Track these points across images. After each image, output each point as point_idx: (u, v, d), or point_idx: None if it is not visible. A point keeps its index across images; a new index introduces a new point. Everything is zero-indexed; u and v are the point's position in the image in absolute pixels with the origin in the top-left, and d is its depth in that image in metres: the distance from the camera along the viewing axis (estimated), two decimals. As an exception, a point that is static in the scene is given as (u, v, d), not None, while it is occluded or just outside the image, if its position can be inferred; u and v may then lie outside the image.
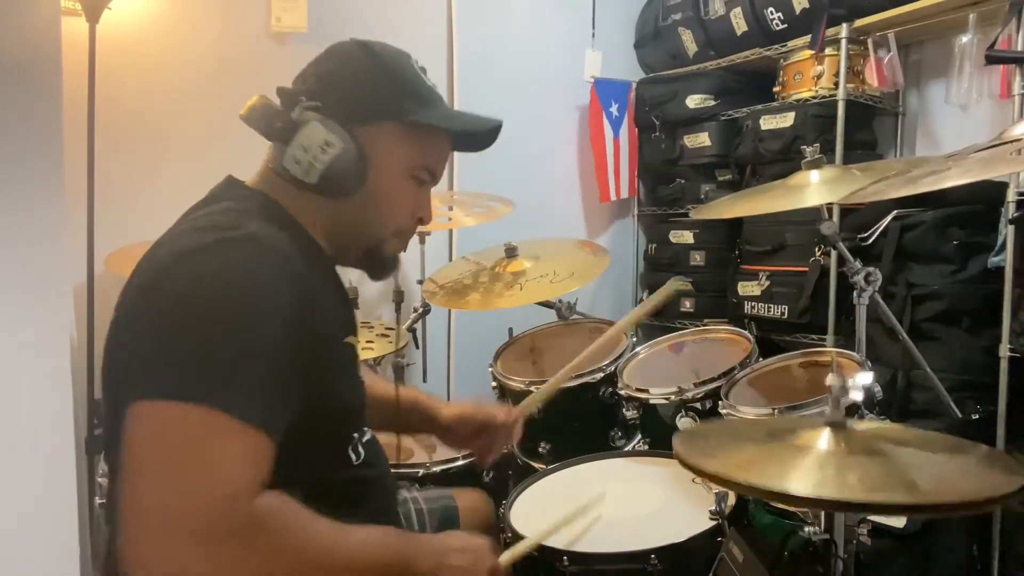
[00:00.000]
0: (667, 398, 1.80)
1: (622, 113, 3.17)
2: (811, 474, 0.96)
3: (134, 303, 0.91)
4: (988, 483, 0.95)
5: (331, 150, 0.99)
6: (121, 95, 2.13)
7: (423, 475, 1.67)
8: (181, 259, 0.88)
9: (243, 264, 0.88)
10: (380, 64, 1.06)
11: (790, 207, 1.65)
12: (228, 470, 0.80)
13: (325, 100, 1.01)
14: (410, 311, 2.42)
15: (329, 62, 1.06)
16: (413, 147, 1.08)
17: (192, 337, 0.83)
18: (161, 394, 0.80)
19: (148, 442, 0.80)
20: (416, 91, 1.07)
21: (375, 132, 1.04)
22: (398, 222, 1.11)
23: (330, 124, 0.99)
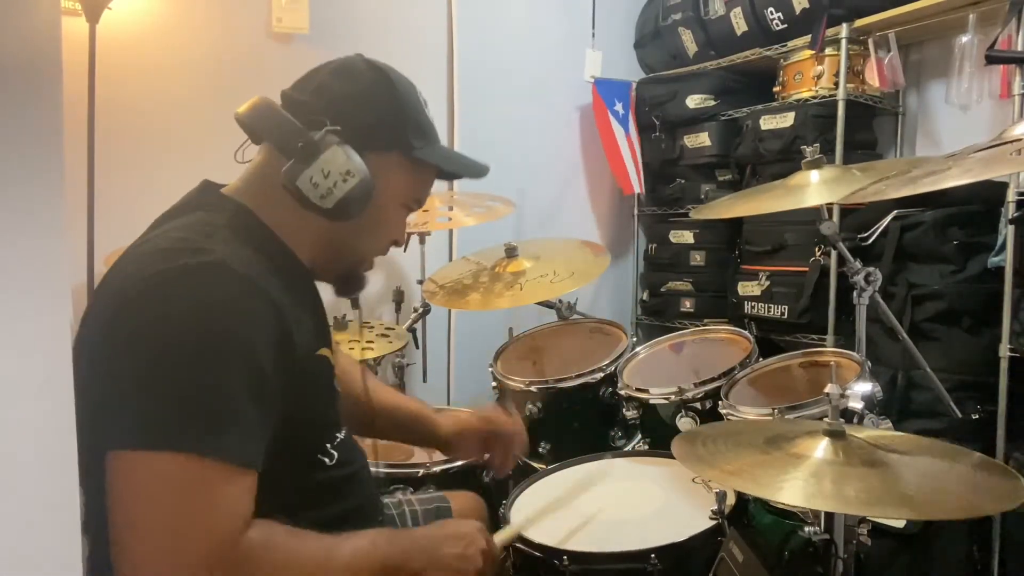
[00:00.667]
0: (667, 398, 1.80)
1: (627, 111, 3.17)
2: (807, 485, 0.96)
3: (100, 337, 0.89)
4: (986, 495, 0.95)
5: (352, 180, 0.99)
6: (121, 95, 2.13)
7: (423, 475, 1.66)
8: (146, 289, 0.87)
9: (215, 295, 0.87)
10: (396, 95, 1.07)
11: (790, 207, 1.65)
12: (216, 515, 0.81)
13: (343, 123, 1.00)
14: (410, 311, 2.42)
15: (345, 82, 1.05)
16: (411, 179, 1.11)
17: (168, 380, 0.82)
18: (139, 445, 0.80)
19: (133, 495, 0.80)
20: (421, 126, 1.09)
21: (382, 161, 1.05)
22: (382, 246, 1.15)
23: (349, 151, 0.99)
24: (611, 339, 2.15)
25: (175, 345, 0.83)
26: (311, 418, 1.01)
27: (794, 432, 1.16)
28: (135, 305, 0.87)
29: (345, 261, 1.12)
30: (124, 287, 0.89)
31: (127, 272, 0.92)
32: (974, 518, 1.99)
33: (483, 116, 2.84)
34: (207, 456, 0.81)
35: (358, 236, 1.09)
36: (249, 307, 0.89)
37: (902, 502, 0.93)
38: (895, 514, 0.88)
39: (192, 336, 0.84)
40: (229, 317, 0.86)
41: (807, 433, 1.13)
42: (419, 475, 1.66)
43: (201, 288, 0.87)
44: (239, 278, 0.89)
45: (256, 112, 1.02)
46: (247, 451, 0.85)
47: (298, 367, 0.95)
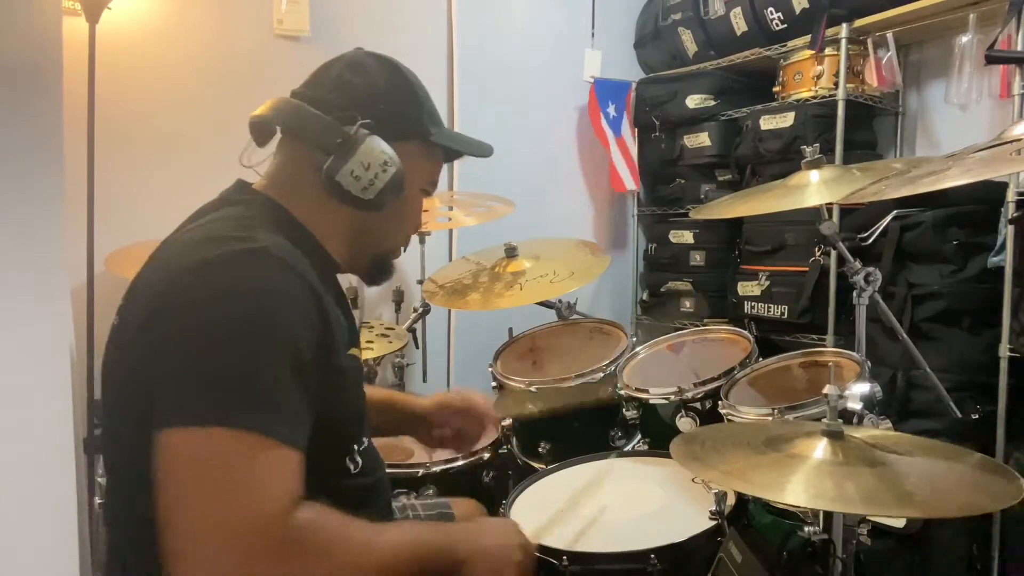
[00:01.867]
0: (667, 398, 1.79)
1: (620, 113, 3.17)
2: (807, 486, 0.96)
3: (148, 318, 0.89)
4: (985, 494, 0.95)
5: (391, 169, 1.02)
6: (121, 95, 2.13)
7: (423, 475, 1.66)
8: (197, 272, 0.87)
9: (261, 278, 0.88)
10: (407, 83, 1.10)
11: (790, 207, 1.65)
12: (267, 490, 0.81)
13: (371, 116, 1.02)
14: (410, 311, 2.42)
15: (361, 76, 1.07)
16: (429, 163, 1.15)
17: (218, 359, 0.83)
18: (194, 421, 0.81)
19: (186, 471, 0.80)
20: (432, 112, 1.13)
21: (405, 149, 1.06)
22: (409, 232, 1.18)
23: (382, 143, 1.02)
24: (611, 339, 2.15)
25: (222, 326, 0.84)
26: (342, 418, 1.02)
27: (793, 433, 1.16)
28: (180, 290, 0.87)
29: (376, 251, 1.15)
30: (167, 275, 0.90)
31: (169, 261, 0.93)
32: (974, 518, 1.99)
33: (483, 116, 2.84)
34: (258, 432, 0.81)
35: (387, 225, 1.12)
36: (293, 294, 0.90)
37: (902, 502, 0.93)
38: (895, 513, 0.88)
39: (238, 317, 0.84)
40: (274, 301, 0.87)
41: (806, 434, 1.13)
42: (419, 475, 1.66)
43: (247, 272, 0.88)
44: (284, 265, 0.90)
45: (282, 112, 1.04)
46: (294, 430, 0.85)
47: (334, 362, 0.96)
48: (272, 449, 0.82)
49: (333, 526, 0.87)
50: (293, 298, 0.89)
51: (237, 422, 0.81)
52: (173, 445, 0.81)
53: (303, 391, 0.88)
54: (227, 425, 0.80)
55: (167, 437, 0.81)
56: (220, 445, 0.80)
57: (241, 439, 0.81)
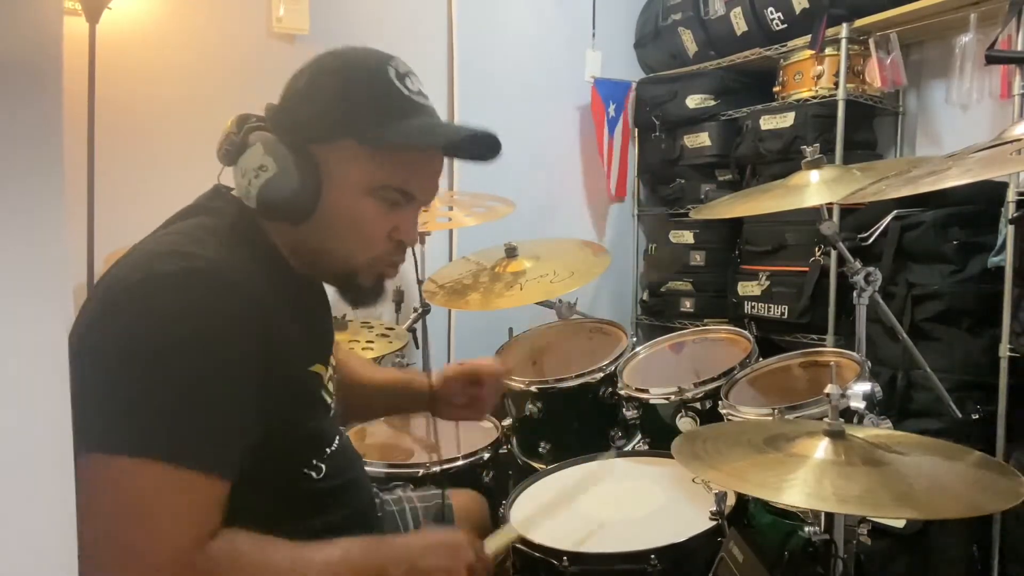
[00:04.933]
0: (667, 398, 1.79)
1: (618, 114, 3.18)
2: (808, 486, 0.96)
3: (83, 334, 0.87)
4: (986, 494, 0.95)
5: (264, 174, 0.94)
6: (121, 95, 2.13)
7: (423, 475, 1.66)
8: (132, 291, 0.85)
9: (197, 303, 0.85)
10: (344, 79, 0.98)
11: (790, 207, 1.65)
12: (181, 523, 0.80)
13: (282, 119, 0.97)
14: (410, 311, 2.42)
15: (302, 78, 1.01)
16: (373, 165, 0.98)
17: (139, 384, 0.81)
18: (112, 448, 0.79)
19: (99, 498, 0.78)
20: (382, 105, 0.97)
21: (330, 152, 0.97)
22: (368, 247, 1.01)
23: (273, 146, 0.95)
24: (611, 339, 2.15)
25: (149, 350, 0.82)
26: (294, 433, 0.98)
27: (794, 432, 1.16)
28: (114, 308, 0.86)
29: (326, 267, 1.03)
30: (110, 289, 0.89)
31: (115, 275, 0.91)
32: (974, 518, 1.99)
33: (483, 116, 2.84)
34: (174, 463, 0.79)
35: (324, 238, 0.99)
36: (232, 314, 0.87)
37: (903, 502, 0.93)
38: (896, 514, 0.88)
39: (169, 341, 0.82)
40: (209, 324, 0.85)
41: (807, 433, 1.13)
42: (419, 475, 1.66)
43: (183, 294, 0.85)
44: (224, 284, 0.87)
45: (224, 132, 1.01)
46: (217, 459, 0.83)
47: (282, 381, 0.93)
48: (188, 480, 0.80)
49: (249, 555, 0.84)
50: (231, 320, 0.86)
51: (152, 452, 0.79)
52: (89, 472, 0.79)
53: (238, 414, 0.86)
54: (142, 455, 0.79)
55: (86, 461, 0.79)
56: (133, 475, 0.79)
57: (155, 469, 0.79)
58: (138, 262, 0.90)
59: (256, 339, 0.88)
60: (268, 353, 0.89)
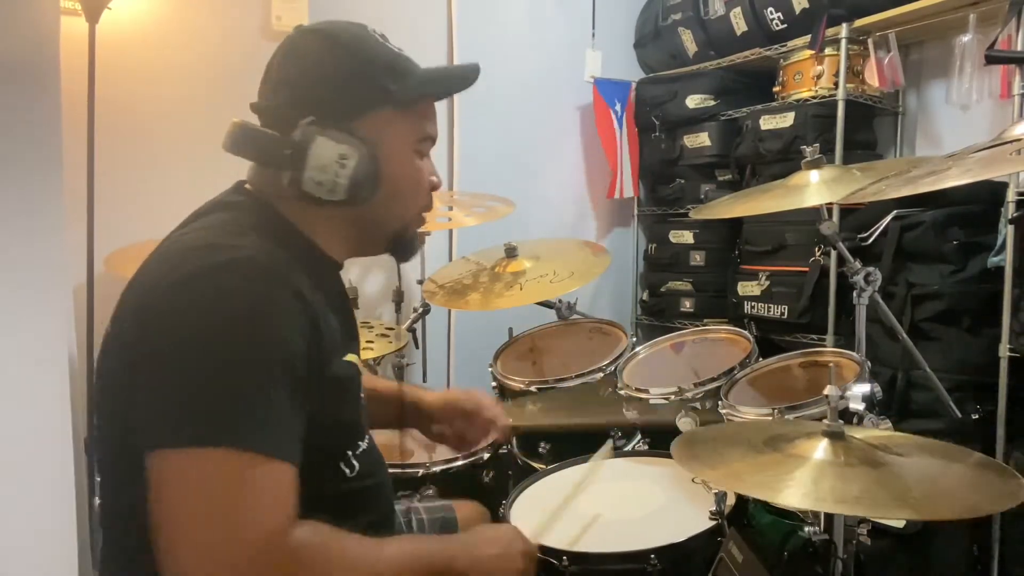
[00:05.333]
0: (667, 398, 1.79)
1: (623, 112, 3.18)
2: (808, 487, 0.96)
3: (134, 335, 0.87)
4: (986, 495, 0.95)
5: (350, 162, 0.96)
6: (121, 95, 2.13)
7: (423, 475, 1.66)
8: (181, 286, 0.85)
9: (247, 291, 0.85)
10: (347, 50, 1.01)
11: (790, 207, 1.65)
12: (263, 510, 0.80)
13: (314, 109, 0.97)
14: (410, 311, 2.42)
15: (294, 64, 1.01)
16: (408, 123, 1.04)
17: (203, 375, 0.81)
18: (184, 441, 0.79)
19: (178, 493, 0.79)
20: (391, 65, 1.02)
21: (371, 123, 1.00)
22: (417, 200, 1.09)
23: (334, 134, 0.96)
24: (611, 339, 2.15)
25: (204, 341, 0.82)
26: (335, 424, 0.99)
27: (793, 433, 1.16)
28: (166, 304, 0.85)
29: (386, 234, 1.08)
30: (155, 286, 0.88)
31: (157, 271, 0.91)
32: (974, 518, 1.99)
33: (483, 116, 2.85)
34: (249, 449, 0.80)
35: (390, 204, 1.04)
36: (281, 304, 0.87)
37: (903, 502, 0.93)
38: (896, 514, 0.87)
39: (223, 331, 0.83)
40: (262, 312, 0.85)
41: (806, 434, 1.13)
42: (419, 475, 1.66)
43: (233, 284, 0.85)
44: (271, 275, 0.88)
45: (234, 139, 0.99)
46: (286, 444, 0.84)
47: (326, 370, 0.93)
48: (265, 465, 0.81)
49: (332, 542, 0.85)
50: (280, 308, 0.87)
51: (226, 440, 0.79)
52: (163, 467, 0.79)
53: (293, 402, 0.86)
54: (216, 444, 0.79)
55: (156, 458, 0.80)
56: (211, 465, 0.79)
57: (232, 458, 0.79)
58: (177, 259, 0.90)
59: (303, 327, 0.89)
60: (315, 339, 0.90)
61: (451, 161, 2.82)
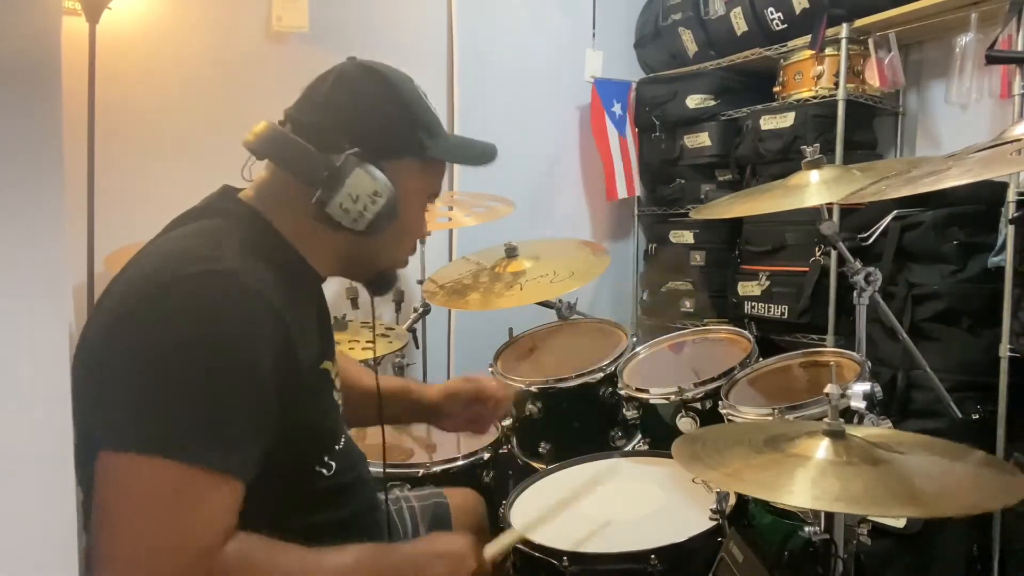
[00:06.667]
0: (667, 398, 1.79)
1: (625, 112, 3.18)
2: (808, 486, 0.96)
3: (104, 336, 0.88)
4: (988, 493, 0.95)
5: (380, 200, 0.99)
6: (121, 95, 2.13)
7: (423, 475, 1.66)
8: (153, 293, 0.86)
9: (219, 306, 0.86)
10: (398, 97, 1.05)
11: (790, 207, 1.65)
12: (201, 524, 0.80)
13: (358, 141, 1.00)
14: (410, 311, 2.42)
15: (348, 95, 1.03)
16: (427, 178, 1.11)
17: (164, 385, 0.81)
18: (130, 447, 0.80)
19: (118, 496, 0.79)
20: (428, 124, 1.07)
21: (399, 168, 1.04)
22: (412, 247, 1.15)
23: (371, 170, 0.99)
24: (611, 339, 2.15)
25: (171, 351, 0.82)
26: (308, 431, 1.00)
27: (794, 433, 1.16)
28: (138, 310, 0.86)
29: (379, 267, 1.13)
30: (129, 291, 0.89)
31: (134, 276, 0.92)
32: (974, 518, 1.99)
33: (483, 116, 2.84)
34: (193, 464, 0.80)
35: (386, 245, 1.09)
36: (252, 318, 0.88)
37: (904, 500, 0.93)
38: (899, 513, 0.87)
39: (190, 343, 0.83)
40: (230, 326, 0.86)
41: (807, 433, 1.13)
42: (419, 475, 1.66)
43: (204, 296, 0.86)
44: (244, 289, 0.88)
45: (269, 141, 1.01)
46: (234, 461, 0.84)
47: (298, 381, 0.94)
48: (207, 482, 0.81)
49: (263, 560, 0.85)
50: (252, 323, 0.87)
51: (173, 452, 0.79)
52: (108, 470, 0.80)
53: (256, 417, 0.86)
54: (162, 454, 0.79)
55: (104, 459, 0.80)
56: (153, 474, 0.79)
57: (171, 469, 0.79)
58: (158, 264, 0.90)
59: (275, 341, 0.89)
60: (286, 354, 0.91)
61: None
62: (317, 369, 1.02)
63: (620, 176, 3.18)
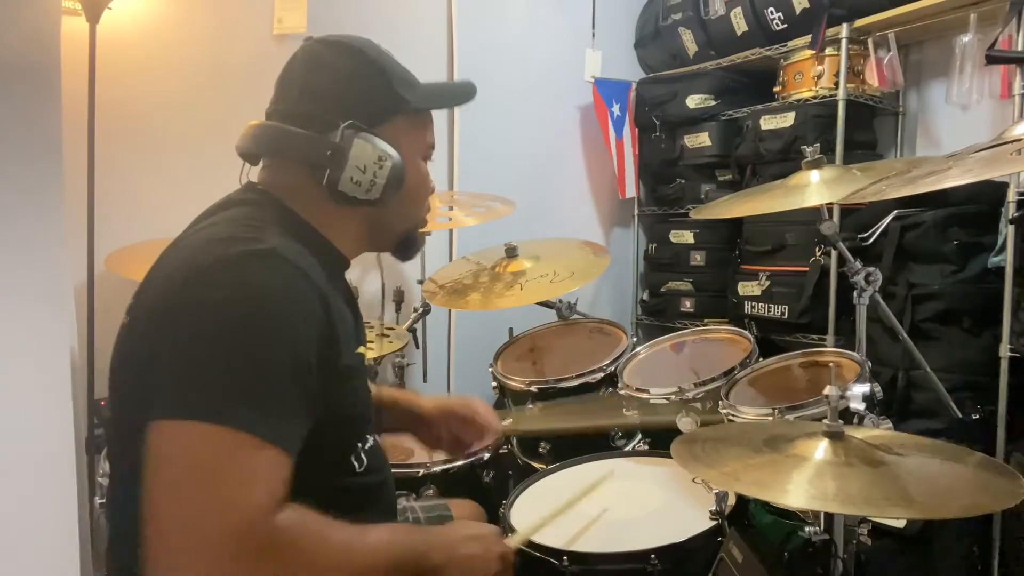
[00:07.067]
0: (667, 398, 1.79)
1: (623, 113, 3.18)
2: (808, 487, 0.96)
3: (154, 315, 0.90)
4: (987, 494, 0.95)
5: (387, 163, 1.02)
6: (121, 95, 2.13)
7: (423, 475, 1.67)
8: (204, 272, 0.88)
9: (268, 280, 0.88)
10: (369, 62, 1.06)
11: (790, 207, 1.65)
12: (252, 491, 0.81)
13: (348, 115, 1.01)
14: (410, 311, 2.42)
15: (320, 73, 1.05)
16: (418, 131, 1.12)
17: (217, 356, 0.83)
18: (185, 414, 0.81)
19: (173, 463, 0.80)
20: (402, 76, 1.08)
21: (392, 129, 1.05)
22: (425, 203, 1.17)
23: (370, 138, 1.01)
24: (611, 339, 2.15)
25: (224, 324, 0.84)
26: (347, 416, 1.02)
27: (793, 433, 1.16)
28: (190, 287, 0.87)
29: (401, 231, 1.14)
30: (177, 273, 0.90)
31: (179, 260, 0.93)
32: (974, 518, 1.99)
33: (483, 116, 2.84)
34: (245, 430, 0.81)
35: (402, 208, 1.10)
36: (300, 296, 0.90)
37: (903, 501, 0.93)
38: (896, 513, 0.88)
39: (242, 317, 0.85)
40: (280, 302, 0.88)
41: (806, 434, 1.13)
42: (419, 475, 1.66)
43: (257, 274, 0.88)
44: (292, 268, 0.90)
45: (263, 138, 1.04)
46: (286, 432, 0.85)
47: (340, 363, 0.96)
48: (259, 449, 0.82)
49: (313, 528, 0.87)
50: (299, 299, 0.90)
51: (228, 419, 0.80)
52: (162, 436, 0.81)
53: (303, 393, 0.88)
54: (216, 421, 0.80)
55: (157, 428, 0.81)
56: (207, 440, 0.80)
57: (227, 436, 0.80)
58: (197, 250, 0.92)
59: (319, 318, 0.91)
60: (330, 333, 0.93)
61: (451, 161, 2.82)
62: (355, 353, 1.04)
63: (629, 174, 3.19)
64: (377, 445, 1.12)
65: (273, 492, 0.83)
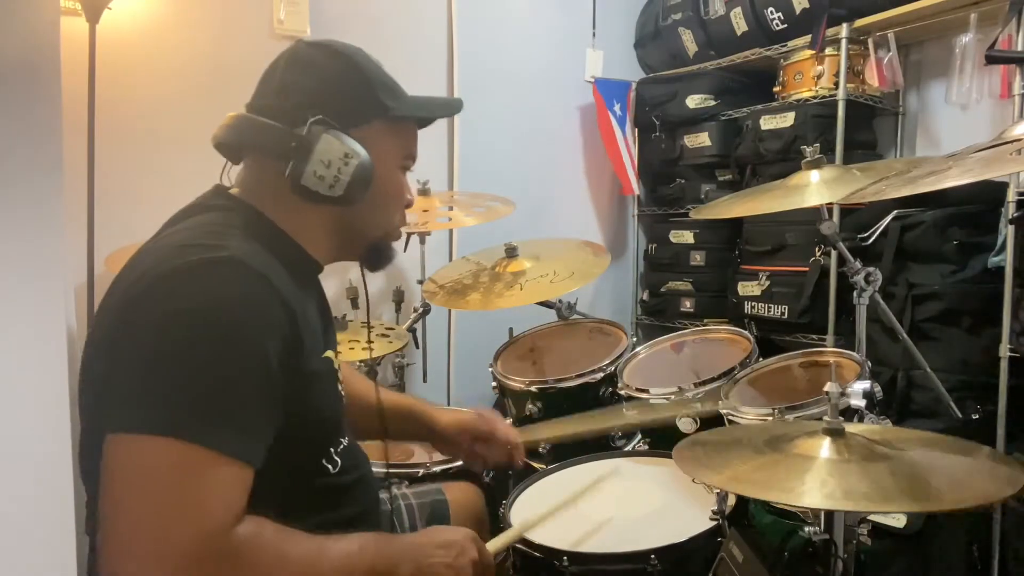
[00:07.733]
0: (667, 398, 1.79)
1: (624, 112, 3.18)
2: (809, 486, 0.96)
3: (113, 325, 0.89)
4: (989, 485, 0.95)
5: (353, 161, 1.00)
6: (121, 95, 2.13)
7: (423, 475, 1.66)
8: (162, 281, 0.87)
9: (227, 289, 0.87)
10: (352, 64, 1.06)
11: (790, 207, 1.65)
12: (209, 505, 0.80)
13: (320, 111, 1.00)
14: (410, 311, 2.42)
15: (301, 71, 1.05)
16: (398, 139, 1.11)
17: (172, 367, 0.82)
18: (140, 428, 0.80)
19: (128, 477, 0.79)
20: (386, 84, 1.09)
21: (368, 133, 1.05)
22: (398, 213, 1.15)
23: (338, 135, 1.00)
24: (611, 339, 2.15)
25: (184, 335, 0.83)
26: (316, 421, 1.01)
27: (794, 433, 1.16)
28: (149, 297, 0.86)
29: (365, 240, 1.13)
30: (139, 280, 0.89)
31: (142, 267, 0.92)
32: (974, 518, 1.99)
33: (483, 116, 2.84)
34: (203, 445, 0.80)
35: (372, 212, 1.09)
36: (261, 304, 0.89)
37: (908, 496, 0.93)
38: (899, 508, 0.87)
39: (202, 327, 0.84)
40: (241, 312, 0.87)
41: (807, 433, 1.13)
42: (419, 475, 1.66)
43: (215, 283, 0.87)
44: (253, 275, 0.90)
45: (235, 129, 1.03)
46: (245, 445, 0.84)
47: (305, 369, 0.95)
48: (217, 463, 0.81)
49: (272, 544, 0.86)
50: (259, 307, 0.88)
51: (185, 433, 0.80)
52: (119, 451, 0.80)
53: (263, 402, 0.87)
54: (174, 435, 0.79)
55: (113, 441, 0.80)
56: (165, 455, 0.79)
57: (187, 450, 0.80)
58: (159, 258, 0.91)
59: (281, 325, 0.90)
60: (292, 339, 0.92)
61: (451, 161, 2.82)
62: (321, 358, 1.02)
63: (630, 172, 3.19)
64: (352, 445, 1.11)
65: (230, 507, 0.82)
